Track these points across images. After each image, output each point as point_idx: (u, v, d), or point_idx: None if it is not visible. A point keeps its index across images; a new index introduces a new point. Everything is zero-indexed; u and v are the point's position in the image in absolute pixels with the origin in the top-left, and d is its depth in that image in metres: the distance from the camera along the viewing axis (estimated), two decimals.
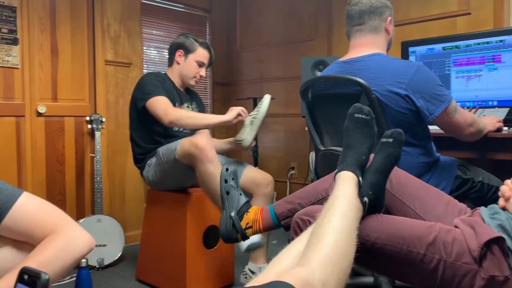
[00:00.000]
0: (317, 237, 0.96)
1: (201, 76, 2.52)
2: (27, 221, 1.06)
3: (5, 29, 2.68)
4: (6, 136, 2.70)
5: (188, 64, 2.48)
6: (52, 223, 1.08)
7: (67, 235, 1.06)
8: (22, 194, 1.09)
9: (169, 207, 2.34)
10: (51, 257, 1.01)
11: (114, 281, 2.54)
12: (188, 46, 2.48)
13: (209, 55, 2.52)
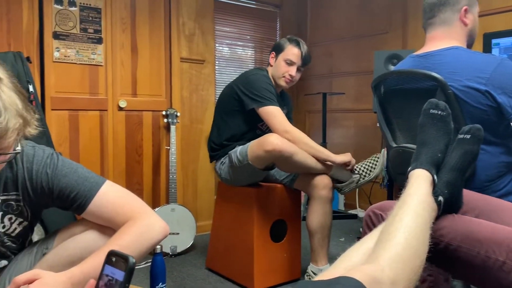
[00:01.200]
0: (388, 235, 0.94)
1: (291, 75, 2.40)
2: (109, 207, 1.15)
3: (91, 29, 2.90)
4: (91, 129, 2.93)
5: (278, 64, 2.43)
6: (131, 210, 1.16)
7: (145, 222, 1.14)
8: (105, 182, 1.18)
9: (238, 201, 2.41)
10: (130, 242, 1.08)
11: (186, 269, 2.66)
12: (279, 46, 2.45)
13: (299, 52, 2.39)
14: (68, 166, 1.15)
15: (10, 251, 1.20)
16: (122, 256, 0.52)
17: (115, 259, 0.52)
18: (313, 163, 2.23)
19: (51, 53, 2.75)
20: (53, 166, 1.14)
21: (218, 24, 3.63)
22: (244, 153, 2.25)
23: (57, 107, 2.79)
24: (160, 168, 3.24)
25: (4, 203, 1.12)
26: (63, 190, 1.13)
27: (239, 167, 2.29)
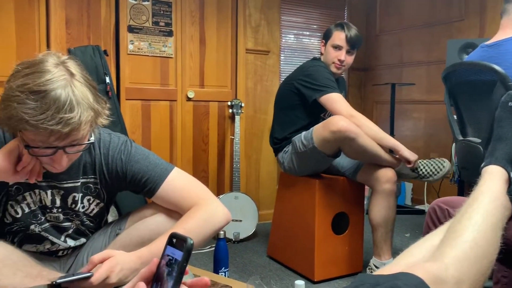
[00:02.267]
0: (454, 233, 0.91)
1: (340, 60, 2.39)
2: (176, 192, 1.22)
3: (162, 23, 3.02)
4: (161, 118, 3.07)
5: (327, 51, 2.45)
6: (196, 196, 1.22)
7: (209, 208, 1.19)
8: (173, 169, 1.25)
9: (299, 191, 2.42)
10: (195, 226, 1.14)
11: (248, 255, 2.72)
12: (327, 34, 2.47)
13: (344, 34, 2.36)
14: (141, 153, 1.24)
15: (88, 230, 1.30)
16: (182, 238, 0.56)
17: (175, 241, 0.56)
18: (380, 152, 2.18)
19: (126, 46, 2.91)
20: (127, 152, 1.22)
21: (284, 15, 3.63)
22: (309, 136, 2.24)
23: (131, 97, 2.96)
24: (224, 157, 3.33)
25: (84, 185, 1.22)
26: (135, 175, 1.21)
27: (303, 153, 2.28)
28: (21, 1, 2.58)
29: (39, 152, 1.01)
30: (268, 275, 2.40)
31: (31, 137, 0.99)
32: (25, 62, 1.01)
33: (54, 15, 2.67)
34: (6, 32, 2.55)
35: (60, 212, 1.22)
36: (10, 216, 1.17)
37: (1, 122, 1.00)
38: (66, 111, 0.95)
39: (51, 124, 0.94)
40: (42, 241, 1.22)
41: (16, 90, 0.95)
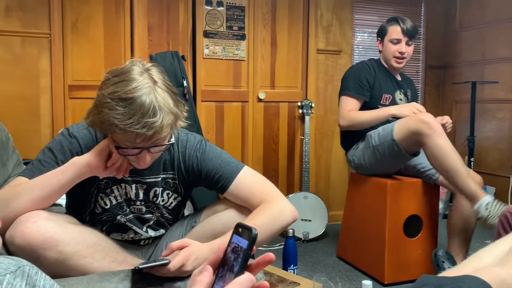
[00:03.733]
0: None
1: (401, 52, 2.42)
2: (246, 189, 1.29)
3: (235, 27, 3.14)
4: (233, 118, 3.19)
5: (385, 47, 2.48)
6: (265, 193, 1.28)
7: (277, 205, 1.25)
8: (244, 167, 1.33)
9: (370, 192, 2.39)
10: (264, 222, 1.20)
11: (317, 254, 2.74)
12: (381, 31, 2.51)
13: (399, 27, 2.41)
14: (214, 151, 1.33)
15: (167, 222, 1.42)
16: (247, 228, 0.61)
17: (241, 230, 0.61)
18: (460, 168, 2.01)
19: (202, 50, 3.06)
20: (202, 151, 1.32)
21: (357, 13, 3.58)
22: (389, 129, 2.22)
23: (206, 99, 3.11)
24: (294, 157, 3.37)
25: (164, 180, 1.34)
26: (209, 172, 1.31)
27: (379, 146, 2.26)
28: (109, 11, 2.83)
29: (127, 152, 1.13)
30: (337, 275, 2.40)
31: (120, 138, 1.11)
32: (114, 71, 1.13)
33: (138, 23, 2.88)
34: (96, 40, 2.81)
35: (143, 205, 1.34)
36: (100, 207, 1.31)
37: (95, 124, 1.13)
38: (150, 116, 1.06)
39: (137, 128, 1.05)
40: (127, 231, 1.35)
41: (107, 97, 1.07)
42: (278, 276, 2.03)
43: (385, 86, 2.47)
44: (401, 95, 2.51)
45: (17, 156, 1.73)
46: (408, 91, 2.54)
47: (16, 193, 1.10)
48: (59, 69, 2.74)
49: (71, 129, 1.27)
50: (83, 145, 1.24)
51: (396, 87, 2.51)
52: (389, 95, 2.46)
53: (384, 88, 2.46)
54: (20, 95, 2.68)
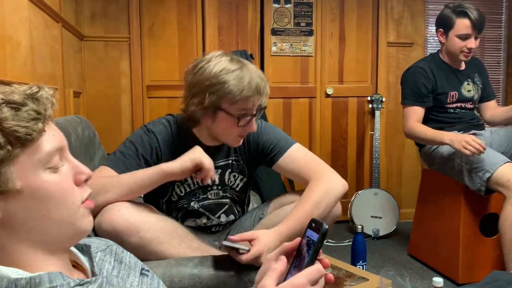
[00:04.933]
0: None
1: (470, 48, 2.22)
2: (296, 163, 1.38)
3: (303, 23, 3.15)
4: (301, 114, 3.21)
5: (451, 41, 2.26)
6: (314, 168, 1.35)
7: (328, 180, 1.31)
8: (296, 143, 1.43)
9: (443, 189, 2.30)
10: (320, 197, 1.27)
11: (387, 252, 2.69)
12: (446, 23, 2.26)
13: (468, 21, 2.17)
14: (270, 127, 1.45)
15: (237, 206, 1.50)
16: (319, 223, 0.65)
17: (314, 225, 0.65)
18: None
19: (270, 48, 3.12)
20: (259, 127, 1.43)
21: (430, 4, 3.43)
22: (487, 163, 2.04)
23: (273, 95, 3.15)
24: (364, 153, 3.32)
25: (232, 162, 1.44)
26: (265, 144, 1.41)
27: (461, 166, 2.16)
28: (182, 14, 2.98)
29: (245, 121, 1.27)
30: (408, 273, 2.34)
31: (241, 106, 1.25)
32: (202, 60, 1.29)
33: (209, 24, 3.00)
34: (170, 42, 2.97)
35: (220, 189, 1.44)
36: (176, 195, 1.41)
37: (203, 108, 1.26)
38: (258, 79, 1.25)
39: (252, 91, 1.23)
40: (200, 216, 1.44)
41: (219, 74, 1.23)
42: (346, 271, 2.03)
43: (448, 83, 2.32)
44: (468, 85, 2.36)
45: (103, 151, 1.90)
46: (475, 76, 2.38)
47: (106, 186, 1.21)
48: (137, 71, 2.94)
49: (148, 126, 1.39)
50: (160, 139, 1.34)
51: (461, 80, 2.35)
52: (455, 92, 2.33)
53: (447, 87, 2.32)
54: (104, 95, 2.91)
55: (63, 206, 0.63)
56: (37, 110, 0.61)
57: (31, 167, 0.60)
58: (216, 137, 1.36)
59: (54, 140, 0.64)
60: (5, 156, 0.58)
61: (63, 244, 0.67)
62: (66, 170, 0.65)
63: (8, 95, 0.60)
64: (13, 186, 0.59)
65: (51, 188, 0.62)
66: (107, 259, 0.78)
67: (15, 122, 0.58)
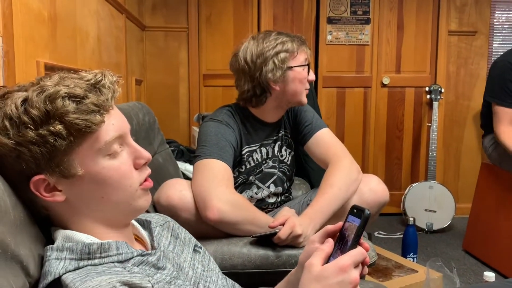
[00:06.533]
0: None
1: None
2: (321, 147, 1.49)
3: (360, 11, 3.10)
4: (355, 104, 3.18)
5: None
6: (336, 153, 1.44)
7: (343, 165, 1.39)
8: (326, 127, 1.53)
9: (501, 184, 2.21)
10: (338, 182, 1.34)
11: (441, 246, 2.63)
12: None
13: None
14: (308, 108, 1.57)
15: (285, 178, 1.56)
16: (361, 209, 0.67)
17: (356, 211, 0.68)
18: None
19: (325, 37, 3.10)
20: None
21: None
22: None
23: (327, 85, 3.15)
24: (420, 145, 3.23)
25: (281, 137, 1.54)
26: (303, 119, 1.53)
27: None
28: (238, 4, 3.03)
29: (306, 71, 1.43)
30: (462, 268, 2.29)
31: (300, 58, 1.41)
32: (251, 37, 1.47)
33: (264, 14, 3.04)
34: (227, 32, 3.04)
35: (271, 160, 1.52)
36: (237, 171, 1.48)
37: (279, 68, 1.38)
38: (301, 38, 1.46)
39: (301, 44, 1.42)
40: (251, 187, 1.50)
41: (277, 38, 1.40)
42: (396, 262, 2.02)
43: None
44: None
45: (161, 136, 2.00)
46: None
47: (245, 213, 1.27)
48: (195, 60, 3.04)
49: (216, 117, 1.44)
50: (233, 127, 1.43)
51: None
52: None
53: None
54: (163, 84, 3.04)
55: (120, 189, 0.69)
56: (97, 103, 0.65)
57: (91, 155, 0.66)
58: (289, 100, 1.46)
59: (114, 129, 0.68)
60: (68, 146, 0.63)
61: (122, 220, 0.73)
62: (126, 155, 0.70)
63: (71, 88, 0.64)
64: (75, 172, 0.65)
65: (110, 174, 0.68)
66: (165, 234, 0.85)
67: (76, 115, 0.63)
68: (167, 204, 1.24)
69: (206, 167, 1.30)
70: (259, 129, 1.49)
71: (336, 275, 0.61)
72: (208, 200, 1.21)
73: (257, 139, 1.49)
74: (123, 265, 0.67)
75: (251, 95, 1.43)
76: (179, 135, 2.95)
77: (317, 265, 0.64)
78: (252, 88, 1.42)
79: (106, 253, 0.66)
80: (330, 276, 0.62)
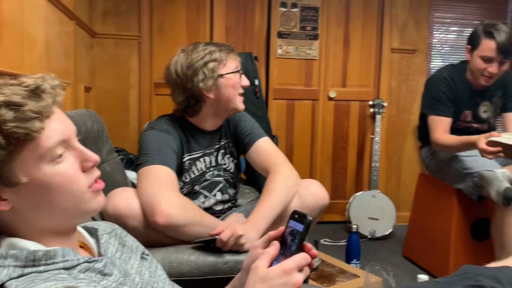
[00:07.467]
0: None
1: (490, 73, 2.09)
2: (261, 155, 1.55)
3: (309, 27, 3.23)
4: (303, 116, 3.29)
5: (474, 61, 2.15)
6: (274, 161, 1.51)
7: (283, 172, 1.46)
8: (266, 136, 1.59)
9: (438, 194, 2.37)
10: (278, 188, 1.41)
11: (382, 253, 2.76)
12: (473, 40, 2.15)
13: (493, 44, 2.03)
14: (249, 116, 1.64)
15: (230, 186, 1.60)
16: (303, 214, 0.71)
17: (297, 216, 0.71)
18: None
19: (275, 51, 3.20)
20: (240, 114, 1.61)
21: (436, 11, 3.49)
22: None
23: (278, 97, 3.24)
24: (364, 156, 3.39)
25: (223, 146, 1.59)
26: (243, 129, 1.59)
27: (444, 160, 2.25)
28: (191, 14, 3.06)
29: (238, 77, 1.51)
30: (401, 273, 2.41)
31: (230, 65, 1.49)
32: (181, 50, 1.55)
33: (217, 25, 3.09)
34: (179, 41, 3.02)
35: (215, 169, 1.57)
36: (181, 181, 1.51)
37: (209, 77, 1.44)
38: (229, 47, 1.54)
39: (230, 52, 1.51)
40: (198, 196, 1.54)
41: (205, 48, 1.47)
42: (340, 268, 2.11)
43: (465, 101, 2.25)
44: (485, 106, 2.29)
45: (110, 145, 1.98)
46: (495, 95, 2.28)
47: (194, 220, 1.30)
48: (146, 68, 3.03)
49: (155, 126, 1.50)
50: (173, 134, 1.48)
51: (478, 100, 2.27)
52: (469, 112, 2.27)
53: (463, 104, 2.25)
54: (113, 91, 3.00)
55: (68, 193, 0.68)
56: (36, 109, 0.63)
57: (33, 162, 0.64)
58: (225, 107, 1.51)
59: (56, 134, 0.66)
60: (8, 156, 0.62)
61: (71, 224, 0.73)
62: (72, 159, 0.70)
63: (8, 96, 0.62)
64: (18, 180, 0.64)
65: (55, 179, 0.67)
66: (112, 241, 0.86)
67: (14, 123, 0.61)
68: (114, 213, 1.24)
69: (150, 173, 1.33)
70: (199, 137, 1.54)
71: (281, 277, 0.65)
72: (156, 205, 1.23)
73: (198, 147, 1.53)
74: (69, 272, 0.67)
75: (186, 106, 1.49)
76: (129, 143, 2.92)
77: (263, 267, 0.67)
78: (186, 99, 1.47)
79: (51, 260, 0.66)
80: (274, 277, 0.65)
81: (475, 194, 2.09)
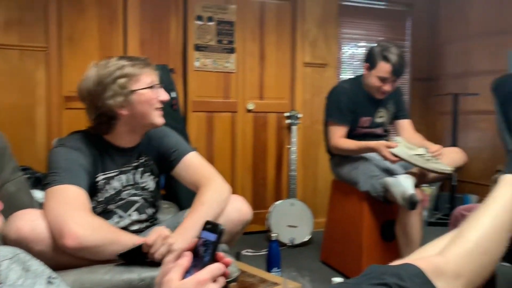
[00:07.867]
0: (461, 232, 0.99)
1: (386, 90, 2.38)
2: (190, 170, 1.54)
3: (225, 41, 3.28)
4: (223, 128, 3.32)
5: (370, 78, 2.40)
6: (204, 176, 1.51)
7: (215, 185, 1.48)
8: (193, 151, 1.58)
9: (349, 197, 2.51)
10: (209, 201, 1.42)
11: (301, 259, 2.85)
12: (371, 61, 2.39)
13: (389, 67, 2.30)
14: (172, 132, 1.61)
15: (149, 205, 1.56)
16: (215, 224, 0.71)
17: (210, 226, 0.71)
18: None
19: (193, 63, 3.20)
20: (163, 131, 1.58)
21: (344, 27, 3.72)
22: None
23: (197, 109, 3.23)
24: (282, 165, 3.49)
25: (142, 164, 1.54)
26: (167, 146, 1.56)
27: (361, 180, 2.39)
28: (103, 24, 2.95)
29: (156, 91, 1.48)
30: (320, 278, 2.50)
31: (145, 80, 1.44)
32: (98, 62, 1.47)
33: (131, 38, 3.01)
34: (91, 53, 2.92)
35: (132, 188, 1.51)
36: (95, 201, 1.44)
37: (120, 94, 1.39)
38: (146, 60, 1.50)
39: (145, 66, 1.45)
40: (112, 216, 1.47)
41: (117, 63, 1.41)
42: (261, 278, 2.13)
43: (364, 109, 2.49)
44: (381, 112, 2.54)
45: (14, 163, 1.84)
46: (390, 103, 2.56)
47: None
48: (55, 81, 2.86)
49: (66, 143, 1.43)
50: (85, 152, 1.41)
51: (375, 107, 2.52)
52: (368, 118, 2.51)
53: (362, 111, 2.49)
54: (17, 106, 2.79)
55: None
56: None
57: None
58: (141, 123, 1.46)
59: None
60: None
61: None
62: None
63: None
64: None
65: None
66: (14, 267, 0.80)
67: None
68: (17, 237, 1.15)
69: (59, 193, 1.26)
70: (116, 155, 1.48)
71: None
72: (64, 226, 1.16)
73: (114, 165, 1.47)
74: None
75: (99, 123, 1.43)
76: (36, 161, 2.72)
77: (175, 280, 0.66)
78: (98, 116, 1.42)
79: None
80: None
81: (381, 196, 2.25)
